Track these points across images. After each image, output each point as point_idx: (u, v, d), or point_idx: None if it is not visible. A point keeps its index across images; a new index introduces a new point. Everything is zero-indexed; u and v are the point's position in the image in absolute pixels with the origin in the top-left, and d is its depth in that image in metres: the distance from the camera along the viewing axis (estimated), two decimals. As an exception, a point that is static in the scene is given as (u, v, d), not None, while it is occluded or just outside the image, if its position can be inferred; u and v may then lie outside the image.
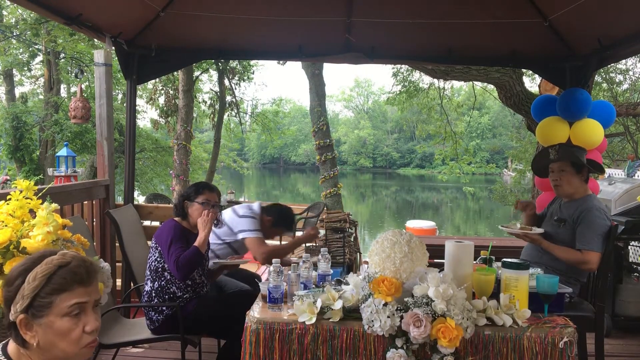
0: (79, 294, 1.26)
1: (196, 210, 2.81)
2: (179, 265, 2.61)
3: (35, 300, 1.23)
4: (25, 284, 1.23)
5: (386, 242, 2.10)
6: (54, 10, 3.12)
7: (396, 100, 12.77)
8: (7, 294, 1.26)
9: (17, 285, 1.25)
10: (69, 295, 1.25)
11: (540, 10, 3.47)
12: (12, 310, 1.24)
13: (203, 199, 2.82)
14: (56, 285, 1.24)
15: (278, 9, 3.63)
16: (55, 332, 1.24)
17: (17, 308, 1.23)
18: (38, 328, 1.24)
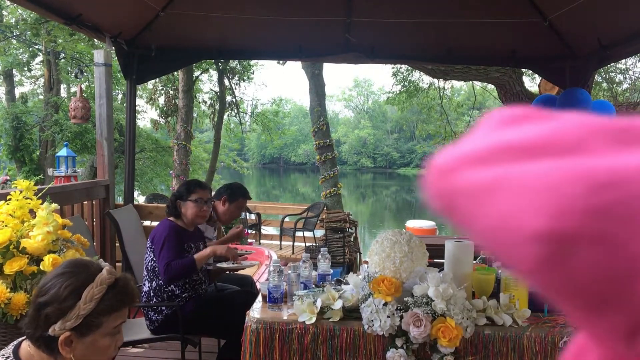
0: (123, 315, 1.30)
1: (190, 209, 2.81)
2: (169, 269, 2.61)
3: (86, 320, 1.23)
4: (81, 304, 1.23)
5: (386, 241, 2.10)
6: (54, 10, 3.13)
7: (396, 100, 12.77)
8: (56, 311, 1.23)
9: (68, 305, 1.23)
10: (117, 316, 1.27)
11: (540, 10, 3.47)
12: (56, 326, 1.22)
13: (196, 197, 2.83)
14: (107, 307, 1.25)
15: (278, 9, 3.63)
16: (95, 350, 1.26)
17: (66, 326, 1.22)
18: (78, 345, 1.23)
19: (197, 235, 2.96)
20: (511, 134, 0.20)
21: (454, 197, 0.20)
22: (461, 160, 0.20)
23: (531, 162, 0.19)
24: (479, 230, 0.20)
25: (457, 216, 0.21)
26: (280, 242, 8.42)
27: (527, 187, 0.18)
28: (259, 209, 9.34)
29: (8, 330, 2.00)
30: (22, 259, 2.04)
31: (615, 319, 0.18)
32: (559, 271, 0.18)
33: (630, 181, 0.17)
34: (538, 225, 0.18)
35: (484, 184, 0.19)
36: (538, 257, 0.18)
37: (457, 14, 3.60)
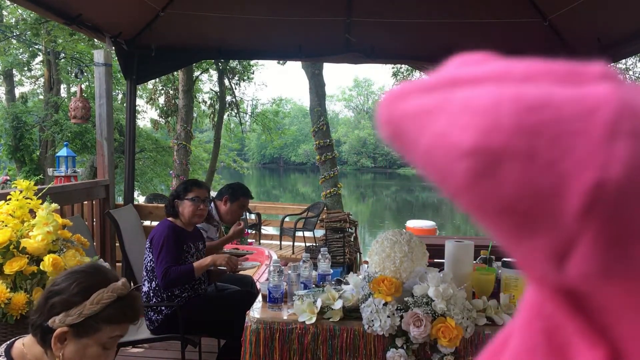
0: (122, 329, 1.29)
1: (187, 208, 2.81)
2: (167, 275, 2.60)
3: (86, 321, 1.23)
4: (88, 304, 1.23)
5: (386, 241, 2.10)
6: (54, 10, 3.13)
7: (396, 100, 12.76)
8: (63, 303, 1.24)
9: (75, 300, 1.24)
10: (115, 328, 1.27)
11: (540, 10, 3.47)
12: (57, 318, 1.23)
13: (193, 196, 2.82)
14: (110, 316, 1.25)
15: (278, 9, 3.63)
16: (83, 355, 1.25)
17: (67, 320, 1.22)
18: (71, 345, 1.23)
19: (197, 235, 2.96)
20: (461, 69, 0.21)
21: (399, 123, 0.21)
22: (409, 89, 0.21)
23: (472, 90, 0.20)
24: (418, 153, 0.21)
25: (401, 142, 0.22)
26: (280, 242, 8.42)
27: (462, 108, 0.19)
28: (259, 209, 9.34)
29: (8, 330, 2.00)
30: (22, 259, 2.04)
31: (542, 241, 0.19)
32: (486, 187, 0.19)
33: (560, 106, 0.18)
34: (466, 141, 0.19)
35: (424, 107, 0.20)
36: (466, 173, 0.19)
37: (457, 14, 3.61)
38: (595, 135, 0.18)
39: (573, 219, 0.18)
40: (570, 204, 0.18)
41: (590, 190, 0.17)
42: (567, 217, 0.18)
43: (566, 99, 0.18)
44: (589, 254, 0.18)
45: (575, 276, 0.19)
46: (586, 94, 0.18)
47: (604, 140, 0.18)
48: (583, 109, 0.18)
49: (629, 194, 0.17)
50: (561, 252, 0.19)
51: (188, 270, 2.66)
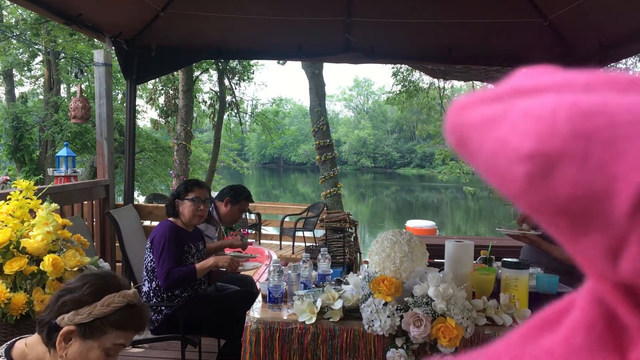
0: (127, 337, 1.30)
1: (187, 208, 2.81)
2: (169, 276, 2.61)
3: (94, 322, 1.24)
4: (98, 305, 1.24)
5: (386, 241, 2.10)
6: (54, 10, 3.13)
7: (396, 100, 12.77)
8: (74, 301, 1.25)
9: (86, 300, 1.25)
10: (121, 335, 1.28)
11: (540, 10, 3.47)
12: (66, 316, 1.23)
13: (193, 196, 2.82)
14: (118, 320, 1.26)
15: (278, 9, 3.63)
16: (85, 358, 1.25)
17: (75, 320, 1.23)
18: (75, 345, 1.24)
19: (197, 236, 2.96)
20: (525, 80, 0.23)
21: (464, 131, 0.23)
22: (475, 99, 0.23)
23: (533, 99, 0.21)
24: (481, 159, 0.22)
25: (467, 149, 0.23)
26: (280, 242, 8.42)
27: (522, 115, 0.21)
28: (259, 209, 9.34)
29: (8, 330, 2.00)
30: (22, 259, 2.04)
31: (596, 239, 0.20)
32: (543, 189, 0.20)
33: (614, 113, 0.19)
34: (525, 146, 0.20)
35: (488, 116, 0.22)
36: (524, 176, 0.20)
37: (457, 14, 3.61)
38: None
39: (623, 217, 0.19)
40: (620, 203, 0.19)
41: (638, 191, 0.19)
42: (618, 216, 0.19)
43: (620, 106, 0.20)
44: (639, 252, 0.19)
45: (629, 272, 0.20)
46: None
47: None
48: (636, 116, 0.19)
49: None
50: (614, 250, 0.20)
51: (190, 271, 2.66)
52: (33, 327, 1.82)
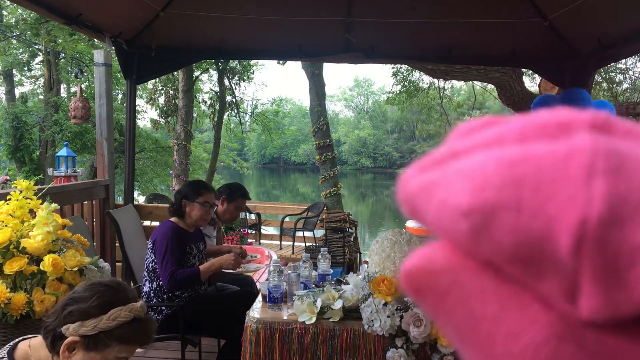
0: (130, 351, 1.30)
1: (196, 211, 2.81)
2: (174, 279, 2.61)
3: (99, 335, 1.23)
4: (104, 318, 1.24)
5: (386, 241, 2.10)
6: (54, 10, 3.13)
7: (396, 100, 12.77)
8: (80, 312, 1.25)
9: (93, 313, 1.24)
10: (124, 349, 1.27)
11: (540, 9, 3.47)
12: (72, 326, 1.23)
13: (203, 200, 2.83)
14: (122, 335, 1.26)
15: (278, 9, 3.63)
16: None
17: (80, 331, 1.23)
18: (78, 355, 1.24)
19: (198, 236, 2.96)
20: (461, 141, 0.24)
21: (412, 199, 0.24)
22: (417, 168, 0.24)
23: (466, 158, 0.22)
24: (430, 223, 0.23)
25: (418, 216, 0.24)
26: (280, 242, 8.42)
27: (456, 175, 0.22)
28: (259, 209, 9.34)
29: (8, 330, 2.00)
30: (22, 259, 2.04)
31: (552, 284, 0.20)
32: (487, 241, 0.21)
33: (539, 158, 0.20)
34: (462, 202, 0.21)
35: (429, 181, 0.23)
36: (467, 232, 0.21)
37: (457, 14, 3.61)
38: (573, 179, 0.19)
39: (567, 258, 0.19)
40: (562, 244, 0.19)
41: (576, 228, 0.19)
42: (563, 257, 0.19)
43: (545, 151, 0.20)
44: (592, 289, 0.19)
45: (589, 312, 0.20)
46: (564, 144, 0.20)
47: (582, 181, 0.19)
48: (560, 157, 0.20)
49: (613, 224, 0.19)
50: (570, 292, 0.20)
51: (194, 273, 2.67)
52: (33, 327, 1.82)
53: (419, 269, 0.25)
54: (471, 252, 0.22)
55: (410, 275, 0.25)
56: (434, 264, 0.24)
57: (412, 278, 0.25)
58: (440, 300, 0.24)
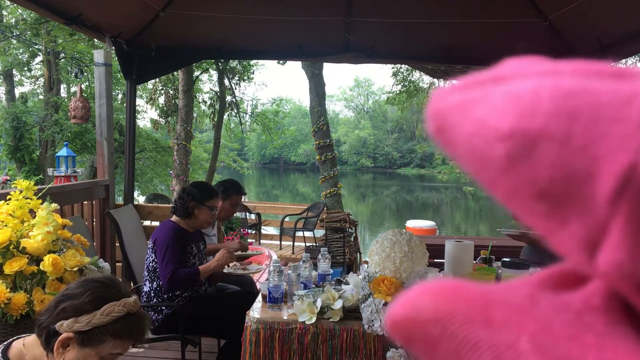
0: (125, 347, 1.29)
1: (204, 215, 2.81)
2: (174, 278, 2.61)
3: (93, 331, 1.23)
4: (98, 314, 1.23)
5: (386, 241, 2.10)
6: (54, 10, 3.13)
7: (396, 100, 12.77)
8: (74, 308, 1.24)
9: (86, 309, 1.24)
10: (118, 344, 1.27)
11: (540, 9, 3.47)
12: (65, 323, 1.23)
13: (211, 205, 2.84)
14: (116, 330, 1.25)
15: (278, 9, 3.63)
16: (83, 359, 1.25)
17: (74, 327, 1.22)
18: (72, 352, 1.23)
19: (198, 236, 2.96)
20: (508, 68, 0.22)
21: (444, 116, 0.22)
22: (457, 85, 0.23)
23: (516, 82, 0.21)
24: (459, 143, 0.22)
25: (445, 134, 0.23)
26: (280, 242, 8.42)
27: (502, 96, 0.20)
28: (259, 209, 9.34)
29: (8, 330, 2.00)
30: (22, 259, 2.04)
31: (574, 228, 0.19)
32: (522, 170, 0.20)
33: (598, 93, 0.19)
34: (504, 125, 0.20)
35: (468, 100, 0.21)
36: (503, 156, 0.20)
37: (457, 14, 3.61)
38: (630, 122, 0.18)
39: (604, 202, 0.18)
40: (602, 187, 0.18)
41: (622, 173, 0.18)
42: (599, 200, 0.18)
43: (605, 88, 0.19)
44: (620, 240, 0.18)
45: (608, 265, 0.19)
46: (624, 86, 0.19)
47: (638, 126, 0.18)
48: (620, 97, 0.19)
49: None
50: (593, 240, 0.19)
51: (194, 273, 2.68)
52: (33, 327, 1.81)
53: (405, 319, 0.23)
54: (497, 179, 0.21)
55: (398, 325, 0.24)
56: (421, 313, 0.23)
57: (400, 328, 0.24)
58: (431, 350, 0.22)
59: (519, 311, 0.21)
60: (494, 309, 0.22)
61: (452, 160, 0.23)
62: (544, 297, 0.22)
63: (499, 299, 0.22)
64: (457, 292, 0.23)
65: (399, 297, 0.24)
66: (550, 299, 0.22)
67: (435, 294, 0.23)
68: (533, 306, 0.21)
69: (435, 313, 0.22)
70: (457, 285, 0.23)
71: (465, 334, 0.21)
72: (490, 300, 0.22)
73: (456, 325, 0.22)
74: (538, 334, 0.20)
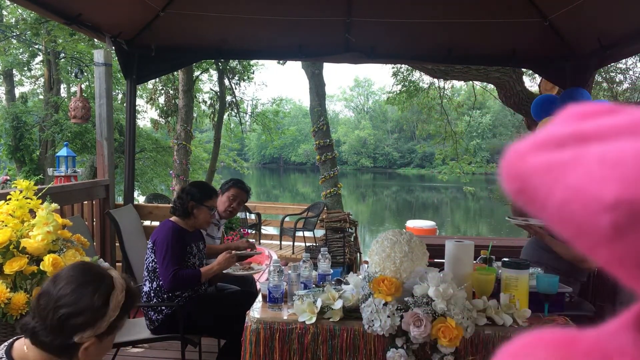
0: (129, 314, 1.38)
1: (203, 215, 2.82)
2: (175, 279, 2.61)
3: (110, 325, 1.29)
4: (111, 311, 1.28)
5: (386, 241, 2.10)
6: (54, 10, 3.13)
7: (396, 100, 12.76)
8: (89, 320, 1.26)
9: (101, 313, 1.27)
10: (126, 317, 1.35)
11: (540, 9, 3.47)
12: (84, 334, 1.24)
13: (211, 204, 2.84)
14: (125, 310, 1.32)
15: (278, 9, 3.63)
16: (104, 349, 1.31)
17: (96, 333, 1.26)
18: (93, 348, 1.27)
19: (198, 236, 2.96)
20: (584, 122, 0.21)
21: (527, 178, 0.21)
22: (535, 144, 0.22)
23: (602, 145, 0.20)
24: (550, 208, 0.21)
25: (530, 197, 0.22)
26: (280, 242, 8.42)
27: (599, 161, 0.19)
28: (259, 209, 9.34)
29: (8, 330, 2.00)
30: (22, 259, 2.04)
31: None
32: (628, 240, 0.19)
33: None
34: (608, 194, 0.18)
35: (556, 162, 0.20)
36: (609, 226, 0.19)
37: (457, 14, 3.61)
38: None
39: None
40: None
41: None
42: None
43: None
44: None
45: None
46: None
47: None
48: None
49: None
50: None
51: (196, 275, 2.68)
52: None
53: None
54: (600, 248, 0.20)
55: None
56: None
57: None
58: None
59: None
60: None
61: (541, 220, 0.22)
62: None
63: (615, 349, 0.21)
64: (572, 344, 0.22)
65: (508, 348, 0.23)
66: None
67: (551, 348, 0.22)
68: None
69: None
70: (571, 336, 0.22)
71: None
72: (606, 351, 0.21)
73: None
74: None
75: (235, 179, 3.53)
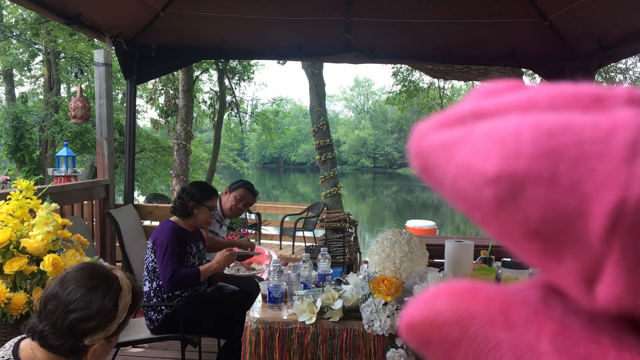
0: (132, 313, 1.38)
1: (203, 215, 2.82)
2: (174, 278, 2.61)
3: (119, 326, 1.31)
4: (120, 313, 1.30)
5: (386, 241, 2.10)
6: (54, 10, 3.12)
7: (396, 100, 12.77)
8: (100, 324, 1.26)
9: (112, 316, 1.28)
10: (131, 316, 1.36)
11: (540, 9, 3.47)
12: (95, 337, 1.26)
13: (211, 204, 2.84)
14: (132, 310, 1.34)
15: (278, 9, 3.63)
16: (110, 348, 1.34)
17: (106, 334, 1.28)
18: (100, 348, 1.29)
19: (198, 236, 2.96)
20: (486, 101, 0.22)
21: (427, 156, 0.22)
22: (436, 123, 0.22)
23: (495, 120, 0.21)
24: (446, 185, 0.22)
25: (431, 175, 0.22)
26: (280, 242, 8.42)
27: (483, 137, 0.20)
28: (259, 209, 9.34)
29: (8, 330, 2.00)
30: (22, 258, 2.04)
31: (570, 265, 0.19)
32: (511, 213, 0.19)
33: (579, 130, 0.19)
34: (489, 169, 0.19)
35: (450, 140, 0.21)
36: (491, 200, 0.20)
37: (457, 14, 3.61)
38: (614, 157, 0.18)
39: (597, 239, 0.18)
40: (594, 224, 0.18)
41: (612, 210, 0.18)
42: (592, 238, 0.18)
43: (586, 123, 0.19)
44: (617, 276, 0.18)
45: (605, 300, 0.19)
46: (606, 118, 0.19)
47: (623, 160, 0.18)
48: (602, 131, 0.18)
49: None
50: (589, 276, 0.19)
51: (195, 274, 2.68)
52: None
53: (422, 322, 0.23)
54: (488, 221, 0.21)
55: (414, 327, 0.23)
56: (439, 315, 0.22)
57: (416, 331, 0.23)
58: (449, 352, 0.22)
59: (537, 312, 0.21)
60: (513, 310, 0.21)
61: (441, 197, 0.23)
62: (556, 299, 0.22)
63: (517, 300, 0.22)
64: (475, 293, 0.22)
65: (413, 299, 0.24)
66: (562, 301, 0.21)
67: (452, 295, 0.22)
68: (549, 308, 0.21)
69: (455, 314, 0.22)
70: (474, 286, 0.23)
71: (486, 335, 0.21)
72: (508, 301, 0.22)
73: (476, 326, 0.21)
74: (558, 334, 0.20)
75: (245, 181, 3.56)
